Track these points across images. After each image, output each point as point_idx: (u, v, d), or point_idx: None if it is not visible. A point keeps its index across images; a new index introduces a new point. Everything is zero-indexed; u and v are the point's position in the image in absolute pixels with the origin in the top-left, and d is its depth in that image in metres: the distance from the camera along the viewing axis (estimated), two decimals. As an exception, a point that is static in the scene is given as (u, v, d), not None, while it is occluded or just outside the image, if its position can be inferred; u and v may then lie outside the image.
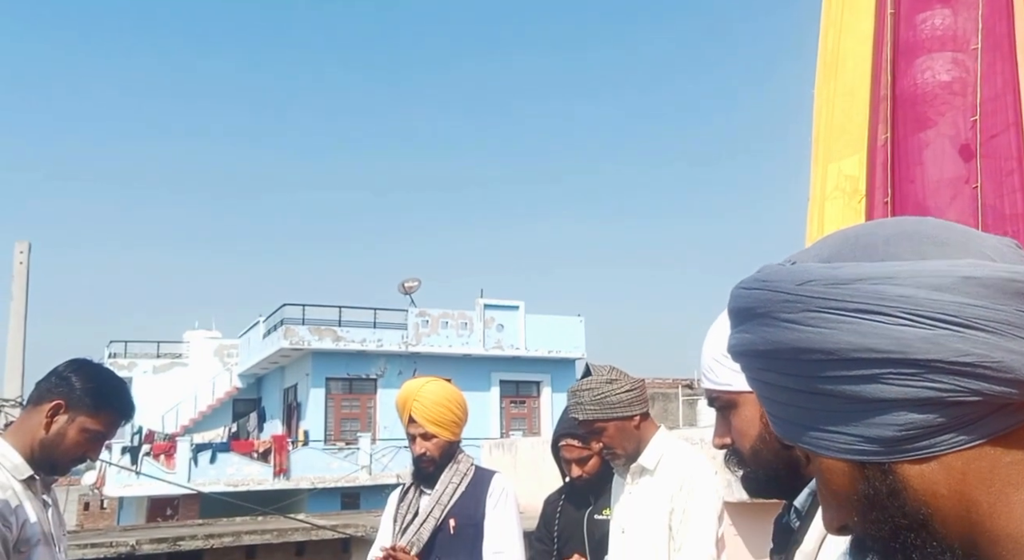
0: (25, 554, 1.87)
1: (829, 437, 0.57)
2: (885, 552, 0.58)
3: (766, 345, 0.58)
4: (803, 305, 0.56)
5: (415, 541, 2.69)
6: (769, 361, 0.59)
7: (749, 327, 0.60)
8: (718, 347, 1.13)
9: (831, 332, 0.55)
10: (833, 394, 0.56)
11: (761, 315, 0.59)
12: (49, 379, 2.03)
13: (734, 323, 0.62)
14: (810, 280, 0.56)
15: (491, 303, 24.27)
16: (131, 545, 12.03)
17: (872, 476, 0.57)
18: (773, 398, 0.61)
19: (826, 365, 0.55)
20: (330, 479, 20.87)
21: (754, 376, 0.62)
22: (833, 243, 0.60)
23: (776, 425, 0.62)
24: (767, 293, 0.59)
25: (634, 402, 2.52)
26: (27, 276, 6.52)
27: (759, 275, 0.61)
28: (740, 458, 1.13)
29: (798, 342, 0.56)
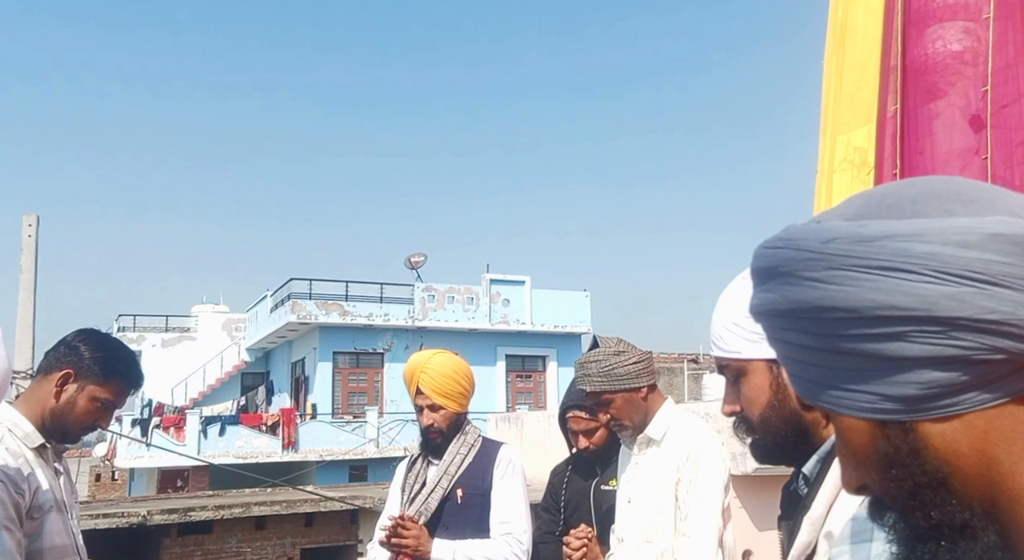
0: (38, 520, 1.90)
1: (850, 396, 0.57)
2: (904, 511, 0.58)
3: (788, 304, 0.58)
4: (827, 263, 0.56)
5: (423, 510, 2.71)
6: (791, 320, 0.59)
7: (772, 286, 0.60)
8: (729, 315, 1.13)
9: (854, 290, 0.54)
10: (855, 352, 0.55)
11: (784, 274, 0.58)
12: (58, 349, 2.05)
13: (757, 283, 0.62)
14: (835, 238, 0.56)
15: (497, 278, 24.28)
16: (142, 515, 12.19)
17: (893, 435, 0.56)
18: (795, 358, 0.61)
19: (849, 323, 0.55)
20: (338, 452, 21.05)
21: (776, 336, 0.62)
22: (859, 202, 0.60)
23: (797, 385, 0.62)
24: (790, 252, 0.58)
25: (641, 374, 2.53)
26: (36, 249, 6.55)
27: (783, 234, 0.60)
28: (749, 425, 1.13)
29: (821, 300, 0.56)
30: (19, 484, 1.86)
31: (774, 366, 1.09)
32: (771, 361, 1.08)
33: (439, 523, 2.71)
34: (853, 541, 0.82)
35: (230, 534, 13.63)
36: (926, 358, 0.53)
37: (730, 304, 1.14)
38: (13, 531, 1.81)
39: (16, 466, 1.88)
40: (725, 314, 1.14)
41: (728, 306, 1.14)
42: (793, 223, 0.61)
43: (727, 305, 1.14)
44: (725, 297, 1.15)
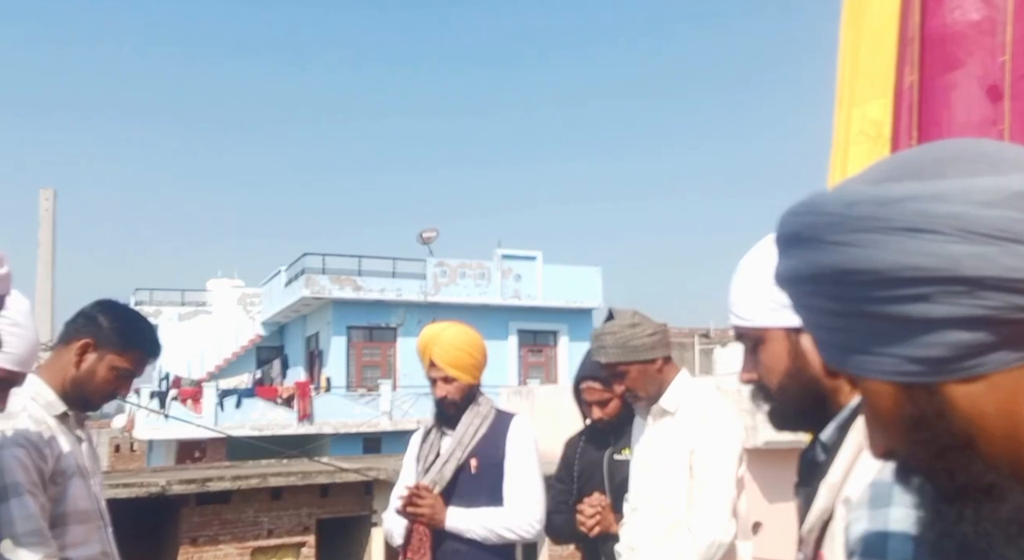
0: (61, 486, 1.94)
1: (875, 360, 0.57)
2: (930, 473, 0.58)
3: (813, 269, 0.58)
4: (850, 226, 0.56)
5: (437, 480, 2.74)
6: (816, 285, 0.59)
7: (796, 252, 0.60)
8: (747, 284, 1.13)
9: (878, 252, 0.54)
10: (880, 315, 0.55)
11: (808, 239, 0.58)
12: (77, 319, 2.08)
13: (782, 250, 0.62)
14: (858, 201, 0.56)
15: (509, 253, 24.26)
16: (161, 485, 12.37)
17: (918, 397, 0.56)
18: (819, 323, 0.61)
19: (873, 286, 0.55)
20: (352, 424, 21.23)
21: (801, 303, 0.62)
22: (883, 166, 0.60)
23: (823, 351, 0.62)
24: (814, 217, 0.58)
25: (656, 346, 2.54)
26: (53, 223, 6.59)
27: (807, 200, 0.60)
28: (767, 393, 1.14)
29: (845, 264, 0.56)
30: (42, 450, 1.90)
31: (793, 334, 1.09)
32: (790, 329, 1.09)
33: (454, 492, 2.74)
34: (871, 506, 0.82)
35: (247, 504, 13.82)
36: (951, 319, 0.53)
37: (748, 273, 1.14)
38: (37, 495, 1.85)
39: (39, 433, 1.92)
40: (743, 283, 1.14)
41: (746, 275, 1.14)
42: (818, 190, 0.61)
43: (746, 274, 1.14)
44: (743, 266, 1.16)
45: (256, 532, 13.95)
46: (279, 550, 14.29)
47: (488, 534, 2.67)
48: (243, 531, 13.84)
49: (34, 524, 1.82)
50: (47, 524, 1.87)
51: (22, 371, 1.78)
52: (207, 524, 13.58)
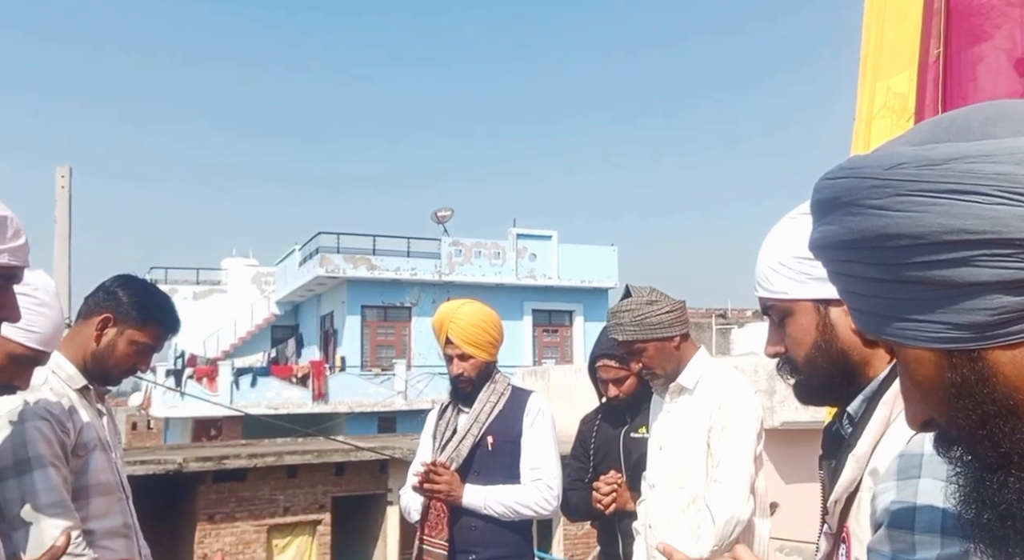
0: (83, 458, 1.95)
1: (916, 326, 0.56)
2: (972, 442, 0.57)
3: (851, 235, 0.57)
4: (892, 189, 0.54)
5: (454, 457, 2.75)
6: (853, 252, 0.57)
7: (833, 218, 0.58)
8: (775, 256, 1.12)
9: (921, 215, 0.53)
10: (922, 281, 0.54)
11: (846, 204, 0.57)
12: (97, 294, 2.09)
13: (817, 216, 0.61)
14: (900, 163, 0.54)
15: (524, 233, 24.22)
16: (178, 463, 12.52)
17: (960, 364, 0.55)
18: (856, 291, 0.59)
19: (915, 251, 0.53)
20: (367, 404, 21.37)
21: (837, 270, 0.60)
22: (925, 128, 0.58)
23: (859, 320, 0.61)
24: (853, 180, 0.57)
25: (674, 323, 2.52)
26: (69, 200, 6.63)
27: (845, 164, 0.58)
28: (793, 366, 1.13)
29: (885, 228, 0.54)
30: (64, 423, 1.91)
31: (821, 307, 1.08)
32: (818, 301, 1.08)
33: (470, 469, 2.75)
34: (900, 477, 0.81)
35: (263, 482, 13.97)
36: (996, 283, 0.52)
37: (776, 245, 1.12)
38: (59, 467, 1.87)
39: (61, 405, 1.93)
40: (771, 255, 1.12)
41: (774, 247, 1.13)
42: (854, 156, 0.59)
43: (773, 246, 1.13)
44: (771, 238, 1.14)
45: (272, 510, 14.11)
46: (295, 527, 14.46)
47: (505, 510, 2.68)
48: (259, 508, 14.00)
49: (57, 496, 1.83)
50: (69, 496, 1.88)
51: (46, 350, 1.79)
52: (224, 501, 13.74)
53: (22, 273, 1.26)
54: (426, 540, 2.71)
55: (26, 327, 1.66)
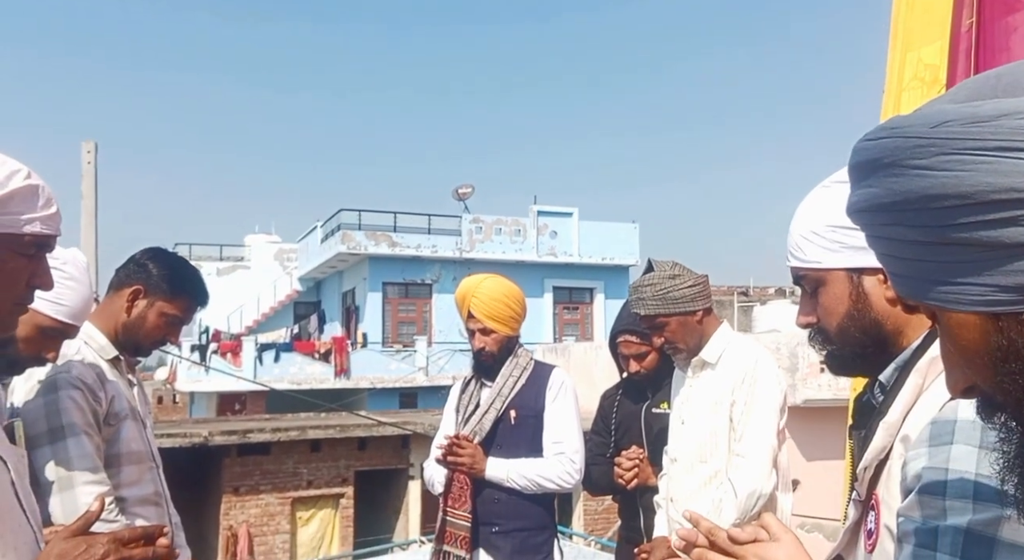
0: (115, 427, 1.99)
1: (961, 290, 0.55)
2: (1018, 407, 0.56)
3: (893, 197, 0.55)
4: (937, 148, 0.53)
5: (477, 430, 2.77)
6: (896, 214, 0.56)
7: (874, 180, 0.57)
8: (808, 225, 1.11)
9: (968, 174, 0.51)
10: (968, 242, 0.53)
11: (888, 165, 0.55)
12: (127, 266, 2.12)
13: (857, 179, 0.59)
14: (946, 121, 0.53)
15: (545, 210, 24.14)
16: (204, 436, 12.72)
17: (1008, 327, 0.54)
18: (898, 255, 0.58)
19: (961, 211, 0.52)
20: (388, 380, 21.53)
21: (877, 233, 0.59)
22: (971, 85, 0.56)
23: (900, 285, 0.59)
24: (896, 140, 0.55)
25: (697, 297, 2.51)
26: (95, 175, 6.71)
27: (887, 124, 0.57)
28: (826, 336, 1.12)
29: (930, 189, 0.53)
30: (96, 392, 1.94)
31: (854, 276, 1.07)
32: (851, 270, 1.07)
33: (493, 443, 2.77)
34: (932, 444, 0.81)
35: (287, 455, 14.16)
36: None
37: (809, 214, 1.11)
38: (92, 435, 1.91)
39: (93, 375, 1.96)
40: (804, 224, 1.11)
41: (807, 216, 1.12)
42: (895, 116, 0.58)
43: (806, 215, 1.12)
44: (804, 207, 1.13)
45: (296, 483, 14.32)
46: (318, 500, 14.67)
47: (528, 483, 2.70)
48: (283, 481, 14.21)
49: (90, 463, 1.87)
50: (102, 464, 1.92)
51: (75, 324, 1.82)
52: (248, 474, 13.96)
53: (54, 242, 1.28)
54: (449, 512, 2.74)
55: (55, 300, 1.69)
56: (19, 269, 1.21)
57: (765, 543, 1.08)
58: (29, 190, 1.20)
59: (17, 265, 1.20)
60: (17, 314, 1.26)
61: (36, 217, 1.20)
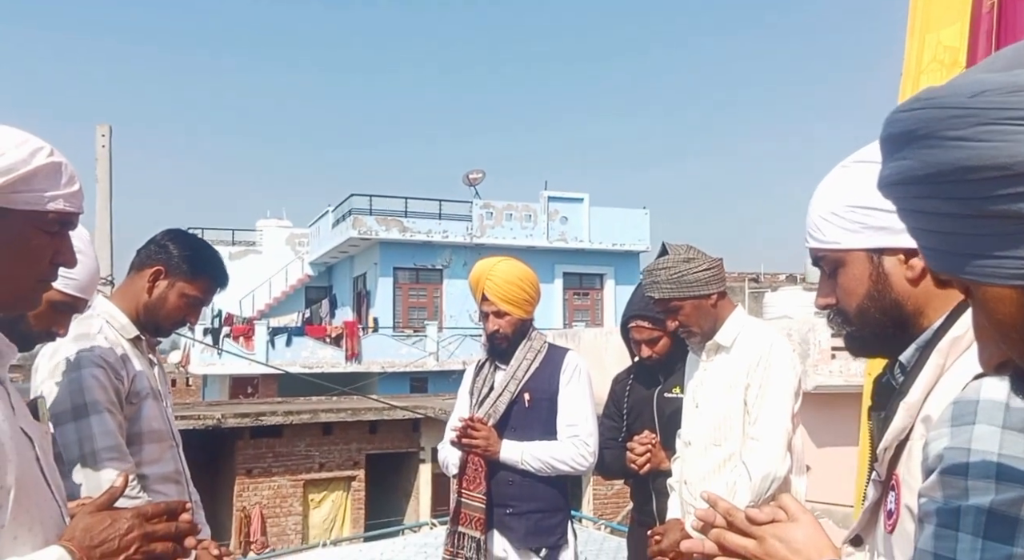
0: (136, 406, 2.01)
1: (997, 263, 0.54)
2: None
3: (927, 169, 0.55)
4: (976, 118, 0.52)
5: (492, 413, 2.78)
6: (930, 187, 0.55)
7: (908, 152, 0.56)
8: (827, 205, 1.10)
9: (1007, 144, 0.50)
10: (1006, 214, 0.52)
11: (924, 137, 0.55)
12: (148, 247, 2.13)
13: (890, 152, 0.59)
14: (984, 90, 0.52)
15: (555, 195, 24.08)
16: (217, 418, 12.82)
17: None
18: (932, 229, 0.57)
19: (1000, 182, 0.51)
20: (399, 364, 21.60)
21: (910, 207, 0.58)
22: (1009, 54, 0.55)
23: (933, 259, 0.59)
24: (932, 111, 0.54)
25: (711, 281, 2.50)
26: (110, 159, 6.74)
27: (921, 94, 0.56)
28: (845, 318, 1.11)
29: (968, 160, 0.52)
30: (118, 371, 1.96)
31: (874, 256, 1.06)
32: (871, 251, 1.06)
33: (507, 425, 2.78)
34: (954, 424, 0.81)
35: (299, 438, 14.27)
36: None
37: (829, 194, 1.11)
38: (115, 413, 1.93)
39: (115, 354, 1.98)
40: (824, 204, 1.11)
41: (826, 196, 1.11)
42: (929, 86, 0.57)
43: (826, 195, 1.11)
44: (823, 187, 1.12)
45: (308, 465, 14.43)
46: (330, 483, 14.78)
47: (542, 466, 2.71)
48: (296, 464, 14.33)
49: (113, 440, 1.89)
50: (124, 442, 1.94)
51: (84, 297, 1.84)
52: (261, 456, 14.07)
53: (77, 219, 1.29)
54: (464, 494, 2.76)
55: (64, 274, 1.71)
56: (43, 246, 1.22)
57: (783, 523, 1.09)
58: (52, 167, 1.21)
59: (41, 242, 1.21)
60: (41, 291, 1.27)
61: (59, 194, 1.21)
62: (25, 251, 1.20)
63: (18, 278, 1.21)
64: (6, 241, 1.17)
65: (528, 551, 2.71)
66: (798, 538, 1.06)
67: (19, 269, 1.21)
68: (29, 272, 1.22)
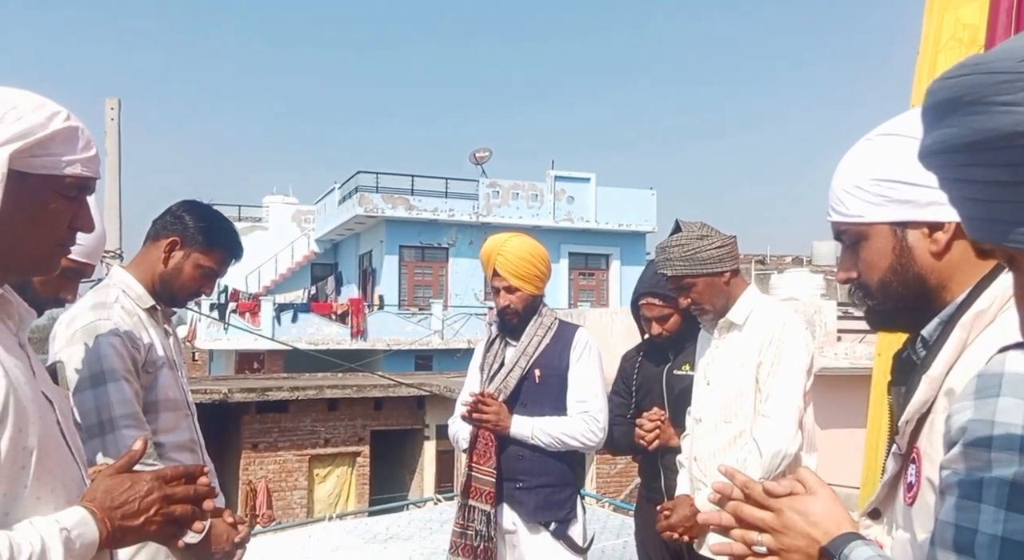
0: (152, 375, 2.02)
1: None
2: None
3: (973, 136, 0.54)
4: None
5: (502, 388, 2.79)
6: (975, 154, 0.55)
7: (953, 120, 0.55)
8: (851, 178, 1.09)
9: None
10: None
11: (970, 103, 0.54)
12: (164, 217, 2.13)
13: (933, 119, 0.58)
14: None
15: (562, 175, 24.00)
16: (224, 393, 12.89)
17: None
18: (976, 198, 0.57)
19: None
20: (404, 342, 21.67)
21: (953, 175, 0.58)
22: None
23: (975, 228, 0.58)
24: (980, 77, 0.54)
25: (725, 258, 2.50)
26: (119, 133, 6.73)
27: (968, 61, 0.55)
28: (867, 291, 1.11)
29: (1016, 125, 0.51)
30: (135, 340, 1.98)
31: (898, 230, 1.06)
32: (895, 224, 1.06)
33: (517, 401, 2.79)
34: (978, 397, 0.81)
35: (304, 414, 14.36)
36: None
37: (853, 167, 1.10)
38: (131, 381, 1.94)
39: (131, 324, 1.99)
40: (848, 177, 1.10)
41: (851, 169, 1.10)
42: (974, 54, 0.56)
43: (850, 168, 1.10)
44: (847, 161, 1.12)
45: (313, 441, 14.53)
46: (335, 458, 14.89)
47: (552, 441, 2.72)
48: (301, 439, 14.43)
49: (130, 408, 1.91)
50: (141, 409, 1.96)
51: (91, 263, 1.85)
52: (267, 431, 14.17)
53: (94, 184, 1.29)
54: (474, 468, 2.77)
55: None
56: (61, 211, 1.22)
57: (801, 496, 1.09)
58: (70, 132, 1.21)
59: (59, 206, 1.21)
60: (59, 256, 1.28)
61: (77, 159, 1.21)
62: (44, 215, 1.20)
63: (37, 242, 1.21)
64: (25, 205, 1.17)
65: (537, 525, 2.73)
66: (816, 511, 1.06)
67: (38, 233, 1.21)
68: (48, 236, 1.23)
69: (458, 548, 2.77)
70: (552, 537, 2.72)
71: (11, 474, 1.11)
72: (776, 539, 1.08)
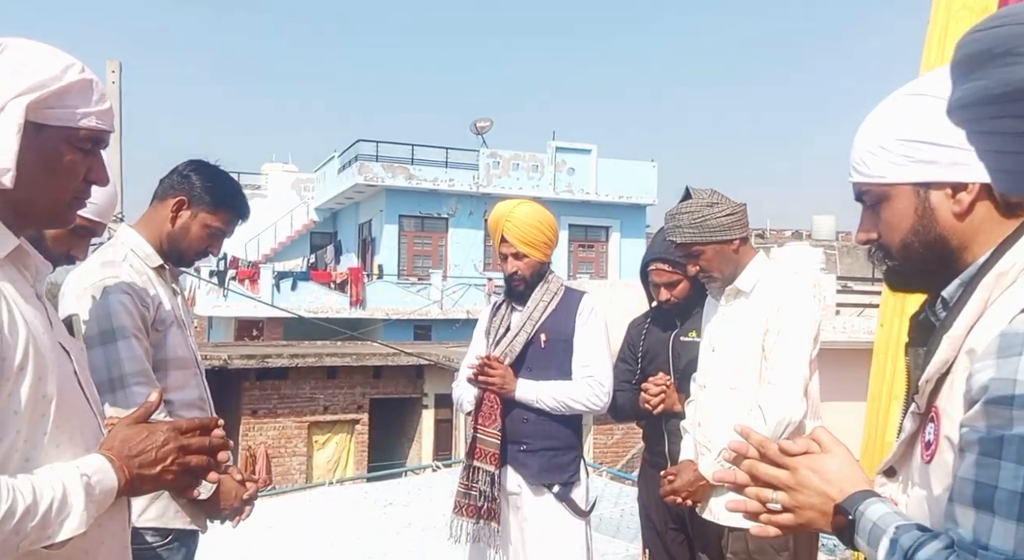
0: (161, 333, 2.03)
1: None
2: None
3: (1004, 87, 0.54)
4: None
5: (508, 352, 2.80)
6: (1006, 106, 0.54)
7: (984, 73, 0.55)
8: (874, 139, 1.09)
9: None
10: None
11: (1001, 54, 0.54)
12: (171, 176, 2.13)
13: (963, 73, 0.57)
14: None
15: (563, 146, 23.88)
16: (224, 359, 12.93)
17: None
18: (1006, 150, 0.56)
19: None
20: (403, 311, 21.71)
21: (983, 128, 0.58)
22: None
23: (1004, 181, 0.58)
24: (1012, 27, 0.53)
25: (734, 226, 2.49)
26: (120, 95, 6.68)
27: (999, 12, 0.55)
28: (887, 252, 1.11)
29: None
30: (144, 298, 1.98)
31: (920, 190, 1.05)
32: (918, 185, 1.05)
33: (523, 365, 2.80)
34: (1000, 356, 0.81)
35: (304, 381, 14.43)
36: None
37: (876, 127, 1.09)
38: (141, 339, 1.95)
39: (140, 282, 1.99)
40: (870, 137, 1.09)
41: (874, 129, 1.09)
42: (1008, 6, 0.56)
43: (873, 128, 1.10)
44: (871, 120, 1.11)
45: (312, 408, 14.62)
46: (334, 426, 14.99)
47: (557, 405, 2.74)
48: (300, 406, 14.51)
49: (140, 365, 1.92)
50: (151, 367, 1.97)
51: (102, 221, 1.85)
52: (266, 398, 14.25)
53: (109, 138, 1.28)
54: (480, 430, 2.79)
55: None
56: (76, 163, 1.22)
57: (817, 454, 1.10)
58: (84, 84, 1.20)
59: (75, 159, 1.21)
60: (75, 208, 1.28)
61: (91, 112, 1.21)
62: (59, 167, 1.20)
63: (53, 194, 1.21)
64: (41, 157, 1.17)
65: (541, 487, 2.75)
66: (831, 469, 1.07)
67: (54, 185, 1.21)
68: (64, 188, 1.22)
69: (462, 508, 2.80)
70: (555, 499, 2.75)
71: (32, 421, 1.11)
72: (791, 497, 1.09)
